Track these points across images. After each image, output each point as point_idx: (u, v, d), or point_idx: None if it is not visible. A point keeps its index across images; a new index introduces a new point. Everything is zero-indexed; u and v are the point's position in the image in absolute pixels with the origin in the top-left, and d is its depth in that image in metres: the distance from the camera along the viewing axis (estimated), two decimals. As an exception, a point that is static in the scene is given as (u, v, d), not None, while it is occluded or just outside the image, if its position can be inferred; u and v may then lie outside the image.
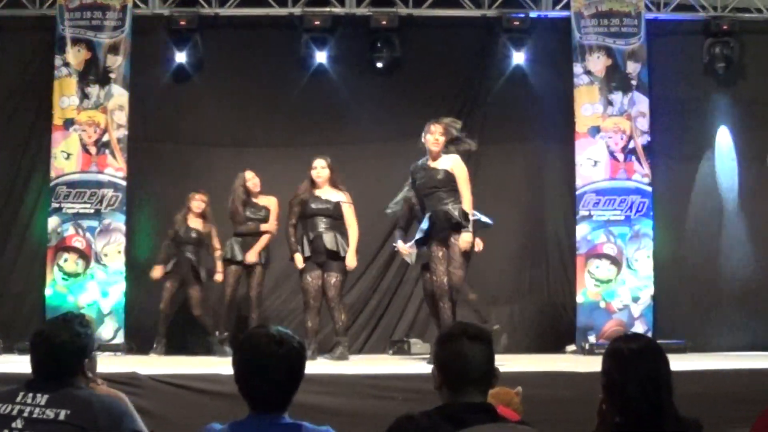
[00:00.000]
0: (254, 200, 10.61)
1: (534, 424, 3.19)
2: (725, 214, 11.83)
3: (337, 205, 9.83)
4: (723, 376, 8.07)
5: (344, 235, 9.82)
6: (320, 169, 9.88)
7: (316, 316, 9.67)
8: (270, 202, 10.64)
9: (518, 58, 11.77)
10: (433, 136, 9.24)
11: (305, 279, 9.74)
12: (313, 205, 9.80)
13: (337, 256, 9.71)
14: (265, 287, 10.74)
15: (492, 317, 10.42)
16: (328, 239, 9.69)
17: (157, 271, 10.66)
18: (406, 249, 9.74)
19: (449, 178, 9.11)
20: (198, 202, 10.70)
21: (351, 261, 9.80)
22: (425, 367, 8.26)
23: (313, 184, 9.88)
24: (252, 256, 10.40)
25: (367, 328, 11.64)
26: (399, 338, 11.33)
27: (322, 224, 9.76)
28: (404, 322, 11.63)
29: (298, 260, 9.75)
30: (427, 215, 9.08)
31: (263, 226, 10.54)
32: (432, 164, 9.23)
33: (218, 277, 10.59)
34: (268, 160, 11.72)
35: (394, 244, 10.17)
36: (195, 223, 10.71)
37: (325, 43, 11.76)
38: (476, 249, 9.24)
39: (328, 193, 9.86)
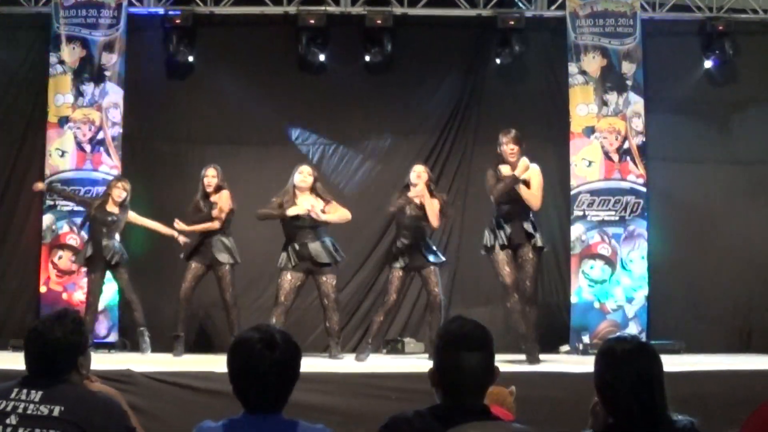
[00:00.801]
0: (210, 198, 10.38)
1: (527, 424, 3.18)
2: (719, 215, 11.82)
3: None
4: (717, 377, 8.07)
5: (328, 238, 9.83)
6: (306, 174, 9.86)
7: (283, 314, 9.63)
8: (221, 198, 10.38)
9: (513, 57, 11.75)
10: (507, 146, 9.29)
11: (284, 276, 9.71)
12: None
13: (324, 264, 9.74)
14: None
15: (485, 318, 10.50)
16: (315, 249, 9.69)
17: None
18: None
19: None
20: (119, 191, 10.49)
21: (316, 213, 9.75)
22: (419, 367, 8.26)
23: (297, 189, 9.83)
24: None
25: (361, 328, 11.62)
26: (393, 338, 11.33)
27: (306, 233, 9.73)
28: (398, 322, 11.61)
29: (294, 210, 9.69)
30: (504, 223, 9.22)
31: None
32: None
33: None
34: (262, 158, 11.73)
35: None
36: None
37: (320, 41, 11.75)
38: None
39: (309, 200, 9.81)
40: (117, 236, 10.43)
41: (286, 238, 9.85)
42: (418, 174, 9.76)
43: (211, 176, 10.30)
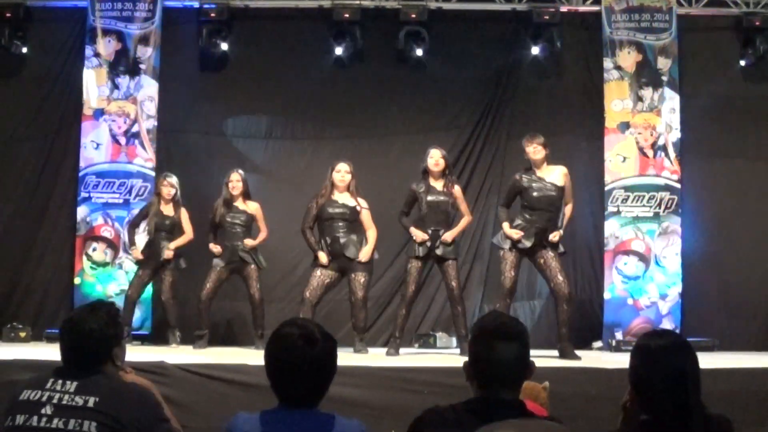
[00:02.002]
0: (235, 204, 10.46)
1: (560, 420, 3.18)
2: (754, 212, 11.73)
3: (354, 210, 9.80)
4: (751, 375, 8.02)
5: (362, 239, 9.82)
6: (344, 173, 9.85)
7: (309, 310, 9.60)
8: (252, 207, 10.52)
9: (548, 52, 11.70)
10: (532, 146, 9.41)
11: (314, 273, 9.73)
12: (330, 210, 9.75)
13: (356, 261, 9.71)
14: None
15: (518, 312, 10.51)
16: (347, 245, 9.69)
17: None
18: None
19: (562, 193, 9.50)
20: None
21: (365, 256, 9.79)
22: (451, 361, 8.26)
23: (334, 188, 9.84)
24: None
25: (393, 322, 11.62)
26: (425, 332, 11.32)
27: (339, 229, 9.72)
28: (430, 317, 11.62)
29: (322, 257, 9.69)
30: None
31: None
32: (540, 174, 9.47)
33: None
34: (295, 152, 11.76)
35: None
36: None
37: (354, 36, 11.75)
38: None
39: (345, 198, 9.83)
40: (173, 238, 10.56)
41: (318, 233, 9.86)
42: (436, 161, 9.67)
43: (236, 181, 10.37)
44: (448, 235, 9.53)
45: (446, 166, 9.74)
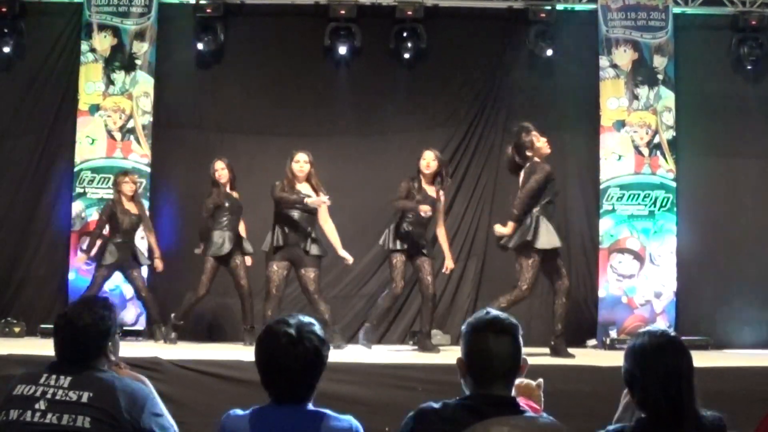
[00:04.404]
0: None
1: (554, 417, 3.19)
2: (749, 210, 11.75)
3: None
4: (746, 374, 8.03)
5: (317, 230, 9.79)
6: (303, 163, 9.80)
7: (277, 306, 9.59)
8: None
9: (544, 50, 11.70)
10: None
11: (271, 268, 9.64)
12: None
13: (310, 253, 9.65)
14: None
15: (513, 312, 10.46)
16: (303, 234, 9.64)
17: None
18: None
19: None
20: None
21: (346, 256, 9.91)
22: (445, 358, 8.27)
23: (294, 178, 9.77)
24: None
25: (386, 319, 11.62)
26: (419, 329, 11.30)
27: (295, 217, 9.67)
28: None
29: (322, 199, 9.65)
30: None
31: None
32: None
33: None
34: (291, 148, 11.73)
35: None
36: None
37: (350, 33, 11.74)
38: None
39: (306, 190, 9.78)
40: (136, 235, 10.56)
41: (274, 220, 9.79)
42: (428, 163, 9.68)
43: (221, 169, 10.36)
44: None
45: (439, 168, 9.73)
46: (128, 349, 7.41)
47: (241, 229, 10.43)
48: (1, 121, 11.74)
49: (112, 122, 11.40)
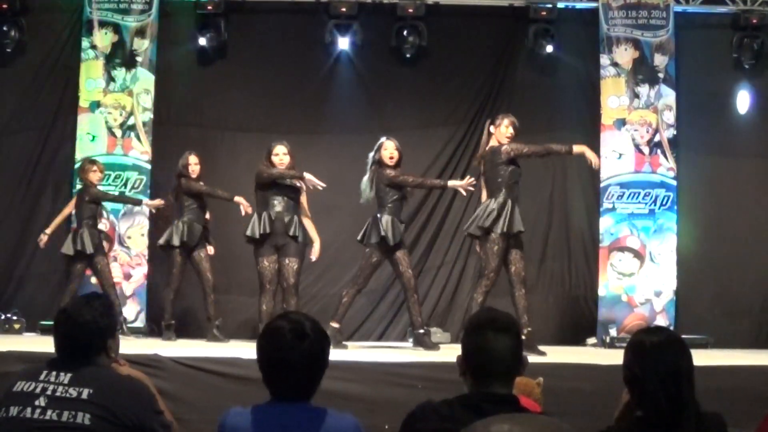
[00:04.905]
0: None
1: (554, 416, 3.18)
2: (749, 209, 11.75)
3: (295, 188, 9.76)
4: (745, 372, 8.03)
5: (300, 217, 9.80)
6: (282, 155, 9.80)
7: (272, 299, 9.62)
8: None
9: (545, 48, 11.70)
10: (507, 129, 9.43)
11: (262, 263, 9.65)
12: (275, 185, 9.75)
13: (296, 239, 9.66)
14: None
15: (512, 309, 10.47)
16: (288, 221, 9.63)
17: None
18: None
19: None
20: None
21: (317, 253, 10.05)
22: (445, 356, 8.27)
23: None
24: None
25: (387, 317, 11.64)
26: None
27: (280, 203, 9.69)
28: (425, 311, 11.57)
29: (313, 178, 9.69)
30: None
31: None
32: None
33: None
34: (292, 146, 11.71)
35: None
36: None
37: (351, 30, 11.74)
38: None
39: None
40: (99, 224, 10.63)
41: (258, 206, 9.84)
42: (391, 154, 9.60)
43: (194, 164, 10.50)
44: None
45: (399, 157, 9.70)
46: (128, 346, 7.41)
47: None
48: (2, 118, 11.74)
49: (112, 119, 11.40)
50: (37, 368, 3.59)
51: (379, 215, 9.52)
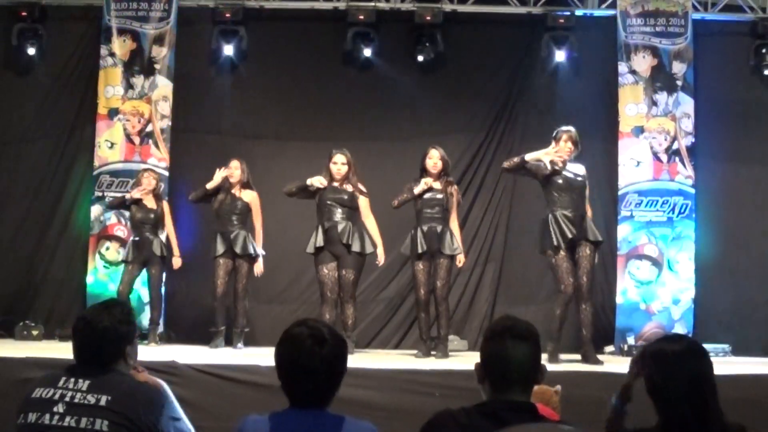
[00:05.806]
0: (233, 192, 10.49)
1: (572, 424, 3.16)
2: (768, 217, 11.72)
3: (353, 196, 9.72)
4: (764, 381, 7.99)
5: (360, 227, 9.73)
6: (341, 165, 9.76)
7: (333, 308, 9.56)
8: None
9: (562, 56, 11.69)
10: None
11: (321, 271, 9.58)
12: (330, 195, 9.68)
13: (351, 250, 9.59)
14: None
15: (531, 318, 10.39)
16: (343, 231, 9.56)
17: None
18: None
19: None
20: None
21: (382, 256, 9.87)
22: (463, 363, 8.25)
23: (331, 179, 9.75)
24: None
25: (404, 324, 11.61)
26: (436, 334, 11.28)
27: (337, 214, 9.64)
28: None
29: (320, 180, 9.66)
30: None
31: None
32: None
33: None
34: (309, 154, 11.74)
35: None
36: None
37: (369, 37, 11.75)
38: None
39: (344, 188, 9.78)
40: (159, 231, 10.58)
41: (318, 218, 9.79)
42: (435, 163, 9.57)
43: (234, 168, 10.47)
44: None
45: (444, 167, 9.66)
46: (145, 353, 7.42)
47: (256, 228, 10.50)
48: (21, 125, 11.79)
49: (131, 126, 11.44)
50: (55, 375, 3.59)
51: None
